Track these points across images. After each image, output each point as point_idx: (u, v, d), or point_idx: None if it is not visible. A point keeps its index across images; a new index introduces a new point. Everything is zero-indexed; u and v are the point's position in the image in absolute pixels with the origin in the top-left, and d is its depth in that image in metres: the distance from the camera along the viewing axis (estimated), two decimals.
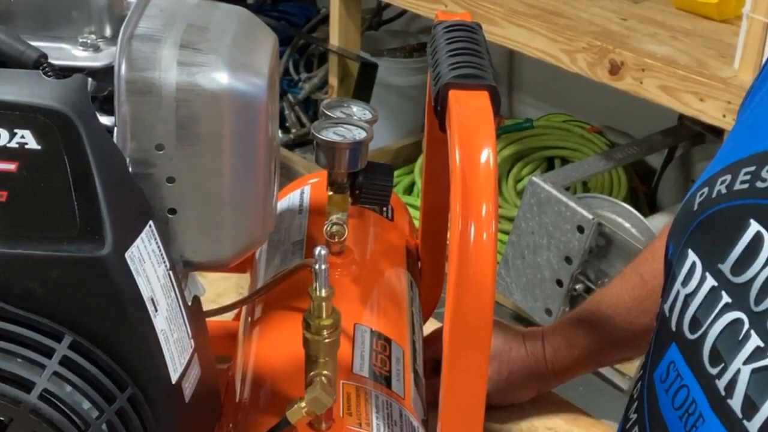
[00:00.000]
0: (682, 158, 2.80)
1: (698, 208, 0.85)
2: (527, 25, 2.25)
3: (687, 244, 0.86)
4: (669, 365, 0.85)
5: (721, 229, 0.82)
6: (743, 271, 0.79)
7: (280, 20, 3.46)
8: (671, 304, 0.86)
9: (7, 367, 0.60)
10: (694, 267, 0.84)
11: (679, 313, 0.85)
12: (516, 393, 1.10)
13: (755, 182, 0.80)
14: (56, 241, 0.61)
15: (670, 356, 0.85)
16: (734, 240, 0.80)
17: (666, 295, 0.88)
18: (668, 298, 0.87)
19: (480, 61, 0.73)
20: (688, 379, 0.83)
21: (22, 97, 0.60)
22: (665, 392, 0.85)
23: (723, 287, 0.80)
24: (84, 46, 0.68)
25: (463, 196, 0.63)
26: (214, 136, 0.67)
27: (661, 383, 0.86)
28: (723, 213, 0.82)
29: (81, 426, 0.61)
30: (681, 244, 0.87)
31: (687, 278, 0.84)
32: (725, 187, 0.83)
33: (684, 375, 0.83)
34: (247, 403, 0.81)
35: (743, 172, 0.81)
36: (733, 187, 0.82)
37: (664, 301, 0.88)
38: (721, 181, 0.83)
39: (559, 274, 2.36)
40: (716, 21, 2.22)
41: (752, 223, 0.79)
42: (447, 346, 0.66)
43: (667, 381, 0.85)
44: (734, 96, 1.94)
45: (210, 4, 0.72)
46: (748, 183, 0.81)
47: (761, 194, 0.79)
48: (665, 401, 0.85)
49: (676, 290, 0.86)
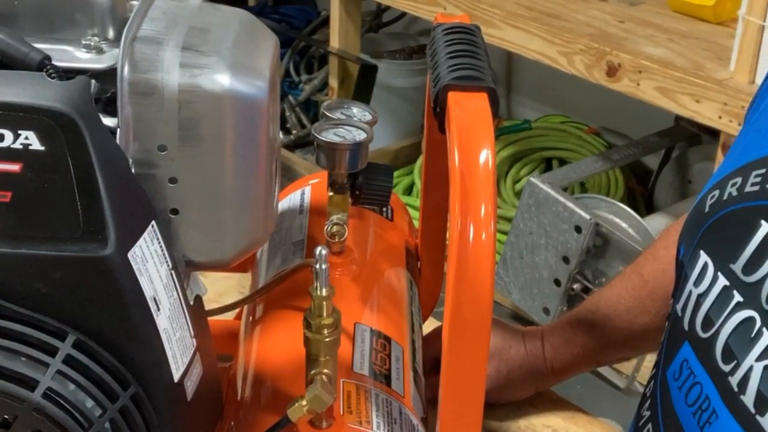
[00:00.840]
0: (679, 159, 2.80)
1: (709, 210, 0.86)
2: (525, 27, 2.25)
3: (699, 245, 0.86)
4: (682, 363, 0.86)
5: (733, 230, 0.83)
6: (754, 271, 0.80)
7: (281, 22, 3.46)
8: (684, 304, 0.87)
9: (12, 365, 0.60)
10: (706, 267, 0.85)
11: (691, 312, 0.86)
12: (515, 391, 1.10)
13: (766, 184, 0.81)
14: (60, 241, 0.61)
15: (683, 354, 0.86)
16: (745, 240, 0.81)
17: (678, 295, 0.89)
18: (680, 298, 0.88)
19: (479, 63, 0.73)
20: (701, 377, 0.83)
21: (25, 99, 0.60)
22: (678, 390, 0.86)
23: (735, 287, 0.81)
24: (87, 48, 0.68)
25: (462, 196, 0.63)
26: (215, 137, 0.67)
27: (674, 381, 0.87)
28: (734, 214, 0.83)
29: (84, 424, 0.61)
30: (693, 246, 0.88)
31: (699, 278, 0.85)
32: (736, 189, 0.84)
33: (697, 372, 0.84)
34: (249, 401, 0.81)
35: (754, 174, 0.82)
36: (744, 189, 0.83)
37: (676, 302, 0.89)
38: (732, 183, 0.84)
39: (557, 274, 2.36)
40: (712, 23, 2.22)
41: (763, 224, 0.80)
42: (446, 344, 0.66)
43: (680, 379, 0.86)
44: (730, 98, 1.94)
45: (212, 7, 0.72)
46: (758, 185, 0.82)
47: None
48: (678, 398, 0.86)
49: (689, 290, 0.86)
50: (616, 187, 2.79)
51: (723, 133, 2.00)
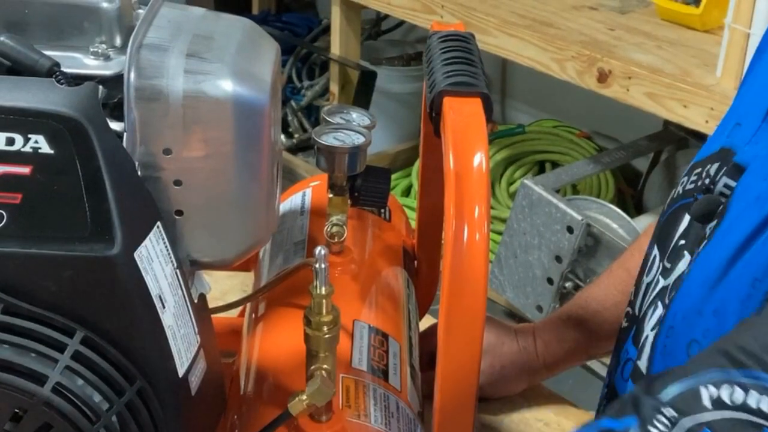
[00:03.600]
0: (667, 162, 2.80)
1: (666, 208, 0.92)
2: (519, 35, 2.25)
3: (653, 240, 0.92)
4: (627, 344, 0.92)
5: (672, 224, 0.88)
6: (674, 259, 0.86)
7: (283, 30, 3.46)
8: (635, 292, 0.93)
9: (22, 361, 0.60)
10: (654, 259, 0.90)
11: (641, 299, 0.91)
12: (508, 385, 1.10)
13: (698, 181, 0.86)
14: (68, 242, 0.61)
15: (628, 335, 0.92)
16: (674, 233, 0.87)
17: (637, 284, 0.94)
18: (637, 288, 0.93)
19: (473, 70, 0.73)
20: (632, 353, 0.89)
21: (35, 104, 0.60)
22: (619, 366, 0.93)
23: (662, 274, 0.87)
24: (95, 56, 0.68)
25: (457, 198, 0.63)
26: (219, 141, 0.67)
27: (621, 362, 0.92)
28: (676, 211, 0.89)
29: (92, 418, 0.61)
30: (652, 242, 0.93)
31: (649, 269, 0.91)
32: (682, 187, 0.89)
33: (630, 351, 0.90)
34: (251, 395, 0.81)
35: (694, 173, 0.88)
36: (686, 186, 0.88)
37: (634, 292, 0.94)
38: (681, 182, 0.90)
39: (549, 273, 2.36)
40: (699, 31, 2.22)
41: (686, 216, 0.86)
42: (441, 341, 0.66)
43: (622, 361, 0.92)
44: (717, 102, 1.94)
45: (215, 15, 0.72)
46: (693, 183, 0.87)
47: (698, 192, 0.86)
48: (619, 376, 0.92)
49: (642, 280, 0.92)
50: (607, 189, 2.79)
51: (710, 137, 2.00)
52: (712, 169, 0.85)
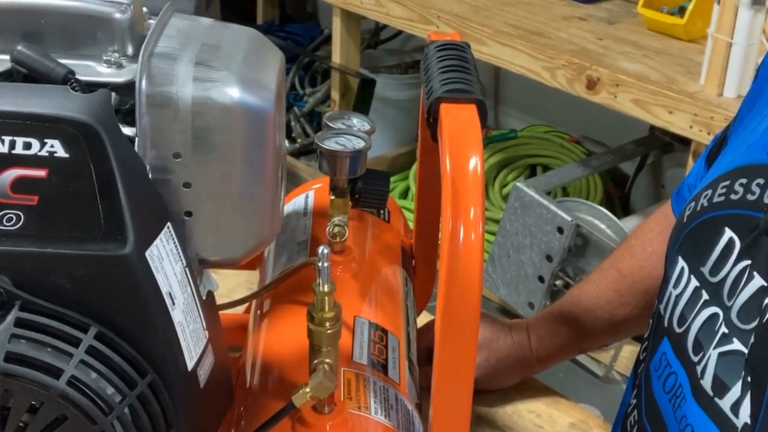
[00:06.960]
0: (653, 166, 2.81)
1: (687, 221, 0.88)
2: (512, 44, 2.26)
3: (677, 251, 0.89)
4: (661, 356, 0.88)
5: (703, 236, 0.85)
6: (718, 272, 0.82)
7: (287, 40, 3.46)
8: (665, 304, 0.89)
9: (39, 355, 0.60)
10: (683, 271, 0.87)
11: (670, 311, 0.88)
12: (502, 378, 1.10)
13: (729, 195, 0.83)
14: (82, 241, 0.61)
15: (663, 348, 0.88)
16: (712, 246, 0.83)
17: (661, 296, 0.91)
18: (663, 299, 0.90)
19: (468, 77, 0.73)
20: (675, 367, 0.85)
21: (51, 110, 0.60)
22: (658, 379, 0.88)
23: (703, 287, 0.83)
24: (108, 64, 0.68)
25: (453, 200, 0.63)
26: (226, 146, 0.67)
27: (655, 372, 0.89)
28: (705, 223, 0.85)
29: (105, 409, 0.61)
30: (673, 252, 0.90)
31: (677, 281, 0.87)
32: (707, 200, 0.86)
33: (673, 364, 0.86)
34: (257, 388, 0.81)
35: (720, 186, 0.85)
36: (712, 200, 0.85)
37: (660, 302, 0.91)
38: (704, 195, 0.87)
39: (540, 271, 2.36)
40: (684, 41, 2.22)
41: (726, 230, 0.82)
42: (438, 336, 0.66)
43: (659, 370, 0.88)
44: (700, 109, 1.95)
45: (223, 26, 0.72)
46: (724, 196, 0.84)
47: (734, 205, 0.82)
48: (658, 387, 0.88)
49: (669, 292, 0.89)
50: (596, 192, 2.80)
51: (693, 141, 2.01)
52: (755, 183, 0.81)
